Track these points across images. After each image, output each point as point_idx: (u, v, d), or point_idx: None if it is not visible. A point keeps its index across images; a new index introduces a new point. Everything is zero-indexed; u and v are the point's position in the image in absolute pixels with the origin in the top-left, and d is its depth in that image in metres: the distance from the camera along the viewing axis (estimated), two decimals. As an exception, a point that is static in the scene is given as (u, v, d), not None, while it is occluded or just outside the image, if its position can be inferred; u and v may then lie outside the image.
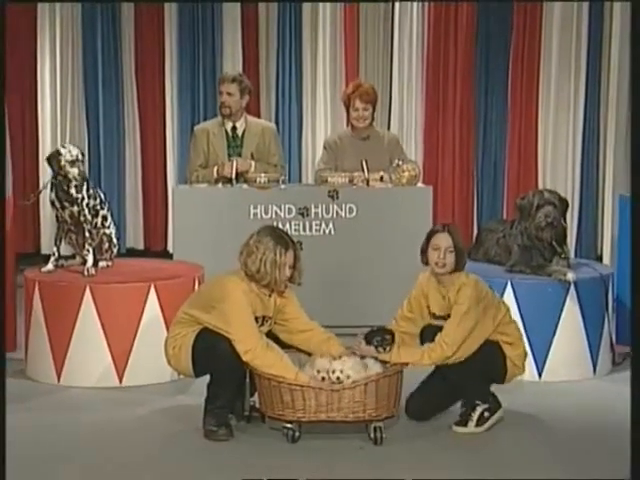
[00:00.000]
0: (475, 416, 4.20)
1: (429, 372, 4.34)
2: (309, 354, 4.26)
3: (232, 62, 7.54)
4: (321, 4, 7.49)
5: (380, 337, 4.21)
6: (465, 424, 4.21)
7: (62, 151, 5.07)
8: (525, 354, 4.39)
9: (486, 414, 4.22)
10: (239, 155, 6.08)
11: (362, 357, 4.18)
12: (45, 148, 7.59)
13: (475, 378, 4.23)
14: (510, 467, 3.91)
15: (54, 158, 5.07)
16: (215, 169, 5.97)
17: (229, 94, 6.04)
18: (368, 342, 4.20)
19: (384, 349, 4.17)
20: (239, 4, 7.54)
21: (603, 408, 4.69)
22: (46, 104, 7.65)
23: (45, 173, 7.45)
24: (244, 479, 3.70)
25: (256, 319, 4.20)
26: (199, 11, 7.56)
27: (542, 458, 4.03)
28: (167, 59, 7.63)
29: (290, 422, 4.09)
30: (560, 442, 4.21)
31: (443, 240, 4.26)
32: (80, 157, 5.07)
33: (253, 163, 6.01)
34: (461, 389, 4.23)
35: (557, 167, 7.42)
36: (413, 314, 4.37)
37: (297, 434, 4.10)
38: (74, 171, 5.01)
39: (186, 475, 3.85)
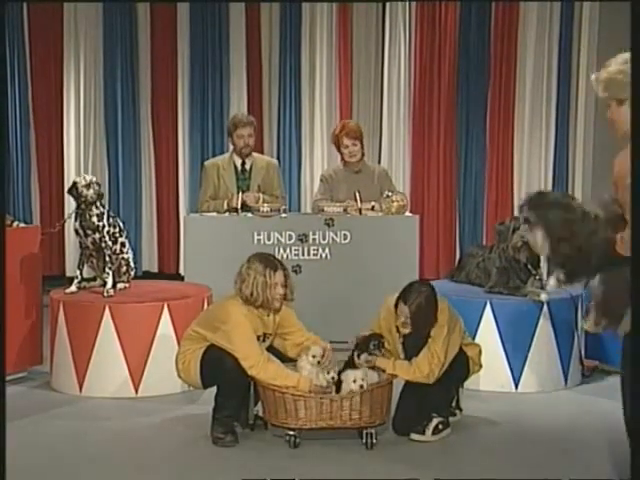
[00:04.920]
0: (431, 426, 4.19)
1: (401, 389, 4.30)
2: None
3: (238, 105, 7.58)
4: (318, 58, 7.54)
5: (376, 341, 4.20)
6: (423, 432, 4.19)
7: (77, 179, 5.10)
8: (481, 351, 4.39)
9: (440, 426, 4.21)
10: (247, 187, 6.09)
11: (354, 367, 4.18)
12: (70, 180, 7.51)
13: (442, 392, 4.23)
14: (491, 467, 3.89)
15: (72, 187, 5.09)
16: (225, 202, 5.98)
17: (249, 136, 6.06)
18: (365, 348, 4.17)
19: (380, 351, 4.19)
20: (245, 54, 7.59)
21: (574, 415, 4.68)
22: (71, 140, 7.67)
23: (69, 204, 7.47)
24: (244, 479, 3.69)
25: (257, 337, 4.20)
26: (208, 60, 7.62)
27: (520, 459, 4.01)
28: (179, 103, 7.67)
29: (293, 429, 4.07)
30: (536, 444, 4.19)
31: (404, 311, 4.17)
32: (94, 181, 5.08)
33: (261, 196, 6.00)
34: (429, 401, 4.21)
35: (531, 198, 7.43)
36: (383, 334, 4.34)
37: (298, 440, 4.08)
38: (90, 192, 5.02)
39: (196, 477, 3.82)
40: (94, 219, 5.05)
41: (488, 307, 4.96)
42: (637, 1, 3.01)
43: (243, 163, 6.13)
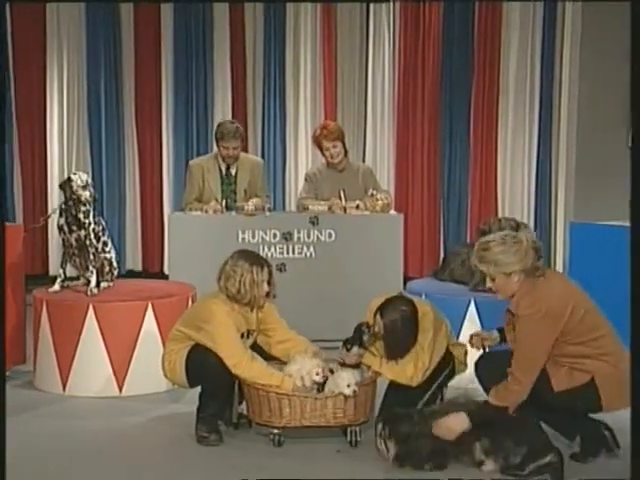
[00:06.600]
0: None
1: (386, 388, 4.27)
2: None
3: (222, 105, 7.55)
4: (302, 58, 7.51)
5: (366, 326, 4.14)
6: None
7: (73, 177, 5.02)
8: (466, 352, 4.35)
9: None
10: (232, 192, 6.06)
11: (342, 364, 4.16)
12: (53, 180, 7.55)
13: (426, 392, 4.19)
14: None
15: (66, 184, 5.02)
16: (204, 209, 5.91)
17: (235, 148, 6.00)
18: (360, 342, 4.13)
19: (370, 332, 4.12)
20: (229, 53, 7.55)
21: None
22: (54, 140, 7.61)
23: (53, 201, 7.43)
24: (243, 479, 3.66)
25: (241, 334, 4.19)
26: (192, 60, 7.56)
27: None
28: (164, 100, 7.62)
29: (277, 428, 4.04)
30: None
31: (379, 323, 4.10)
32: (89, 181, 5.04)
33: (220, 206, 5.91)
34: (413, 400, 4.15)
35: (514, 196, 7.44)
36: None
37: (282, 438, 4.05)
38: (86, 194, 4.96)
39: (180, 476, 3.80)
40: (80, 216, 5.00)
41: (472, 305, 4.95)
42: (637, 1, 3.06)
43: (228, 167, 6.09)
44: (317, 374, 4.04)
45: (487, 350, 4.05)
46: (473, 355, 4.18)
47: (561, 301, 3.60)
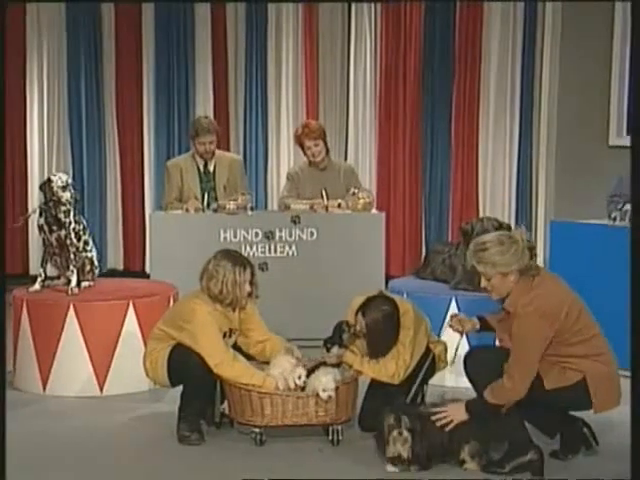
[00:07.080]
0: None
1: (367, 386, 4.27)
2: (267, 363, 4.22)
3: (203, 104, 7.52)
4: (284, 57, 7.49)
5: (345, 324, 4.14)
6: None
7: (53, 178, 4.98)
8: (446, 348, 4.35)
9: None
10: (212, 189, 6.04)
11: (323, 364, 4.15)
12: (33, 180, 7.50)
13: (407, 390, 4.17)
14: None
15: (46, 185, 4.98)
16: (184, 207, 5.90)
17: (211, 143, 5.99)
18: (340, 341, 4.13)
19: (350, 330, 4.12)
20: (210, 52, 7.52)
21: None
22: (34, 138, 7.57)
23: (33, 201, 7.37)
24: (244, 479, 3.63)
25: (224, 334, 4.17)
26: (174, 59, 7.53)
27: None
28: (145, 98, 7.59)
29: (259, 427, 4.03)
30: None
31: (360, 322, 4.10)
32: (70, 182, 5.00)
33: (199, 204, 5.90)
34: (394, 398, 4.17)
35: (495, 195, 7.44)
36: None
37: (264, 438, 4.04)
38: (66, 195, 4.92)
39: (161, 476, 3.78)
40: (60, 215, 4.96)
41: (453, 303, 4.95)
42: (637, 1, 3.09)
43: (206, 164, 6.08)
44: (299, 377, 4.02)
45: (465, 333, 4.05)
46: (461, 352, 4.18)
47: (558, 301, 3.59)
